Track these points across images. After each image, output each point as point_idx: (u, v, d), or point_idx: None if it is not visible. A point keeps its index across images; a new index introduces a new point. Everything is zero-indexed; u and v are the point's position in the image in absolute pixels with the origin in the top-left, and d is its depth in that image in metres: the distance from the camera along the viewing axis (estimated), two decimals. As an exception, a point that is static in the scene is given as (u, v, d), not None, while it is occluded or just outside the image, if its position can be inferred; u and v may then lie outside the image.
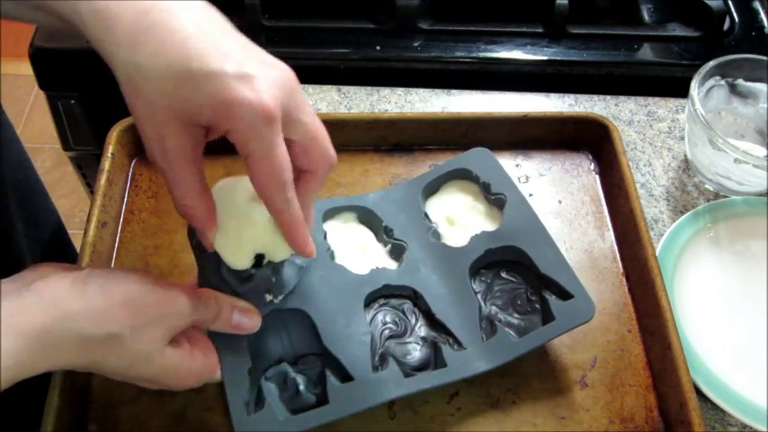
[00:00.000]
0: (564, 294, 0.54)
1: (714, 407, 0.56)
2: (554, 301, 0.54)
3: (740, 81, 0.70)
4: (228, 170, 0.65)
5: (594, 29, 0.85)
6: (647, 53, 0.83)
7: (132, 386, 0.47)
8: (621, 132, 0.70)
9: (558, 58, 0.82)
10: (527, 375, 0.54)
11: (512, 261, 0.57)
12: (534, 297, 0.55)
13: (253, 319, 0.48)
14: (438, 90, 0.76)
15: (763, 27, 0.86)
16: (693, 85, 0.66)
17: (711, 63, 0.67)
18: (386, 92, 0.75)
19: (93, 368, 0.43)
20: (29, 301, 0.40)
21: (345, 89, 0.75)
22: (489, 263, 0.57)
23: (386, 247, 0.58)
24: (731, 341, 0.59)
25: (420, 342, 0.53)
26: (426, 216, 0.59)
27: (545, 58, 0.82)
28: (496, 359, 0.51)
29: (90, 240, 0.57)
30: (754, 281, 0.63)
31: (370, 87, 0.76)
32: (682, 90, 0.67)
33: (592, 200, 0.65)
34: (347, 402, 0.49)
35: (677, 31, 0.85)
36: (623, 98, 0.76)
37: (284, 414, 0.49)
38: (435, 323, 0.53)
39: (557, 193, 0.66)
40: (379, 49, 0.82)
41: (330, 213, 0.59)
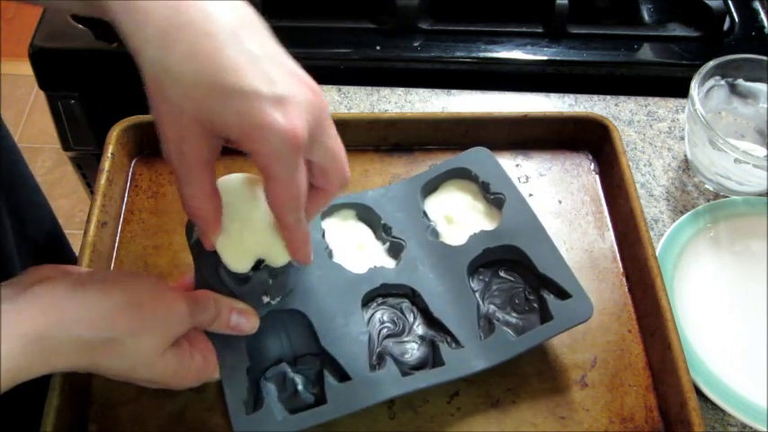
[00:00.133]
0: (562, 294, 0.54)
1: (714, 407, 0.56)
2: (552, 300, 0.54)
3: (740, 81, 0.70)
4: (229, 170, 0.64)
5: (594, 29, 0.85)
6: (647, 53, 0.83)
7: (132, 386, 0.47)
8: (621, 132, 0.70)
9: (558, 58, 0.82)
10: (527, 375, 0.54)
11: (510, 260, 0.57)
12: (532, 296, 0.55)
13: (251, 320, 0.48)
14: (438, 90, 0.76)
15: (763, 27, 0.86)
16: (693, 85, 0.66)
17: (711, 63, 0.67)
18: (386, 92, 0.75)
19: (93, 370, 0.43)
20: (28, 306, 0.39)
21: (345, 89, 0.75)
22: (487, 262, 0.57)
23: (384, 244, 0.58)
24: (731, 341, 0.59)
25: (418, 341, 0.53)
26: (425, 214, 0.59)
27: (545, 58, 0.82)
28: (494, 358, 0.51)
29: (90, 240, 0.57)
30: (754, 281, 0.63)
31: (370, 87, 0.76)
32: (682, 90, 0.67)
33: (592, 200, 0.65)
34: (344, 402, 0.49)
35: (677, 31, 0.85)
36: (623, 98, 0.76)
37: (283, 414, 0.49)
38: (433, 322, 0.54)
39: (557, 193, 0.66)
40: (379, 49, 0.82)
41: (329, 210, 0.59)
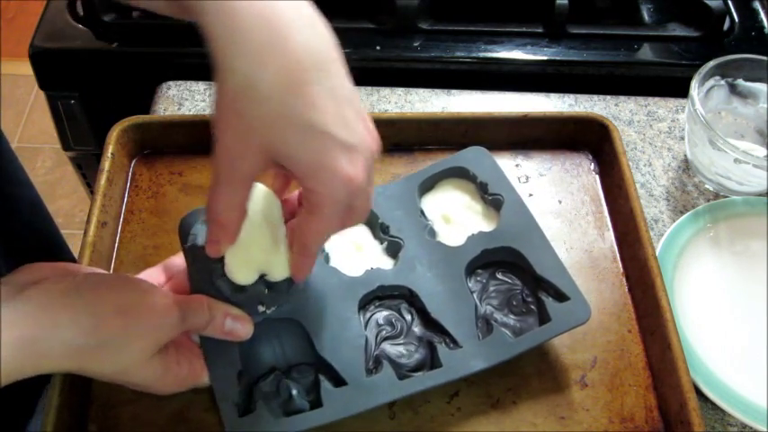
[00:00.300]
0: (560, 296, 0.54)
1: (714, 407, 0.56)
2: (550, 303, 0.54)
3: (740, 81, 0.70)
4: (228, 170, 0.65)
5: (594, 29, 0.85)
6: (647, 53, 0.83)
7: (132, 386, 0.47)
8: (621, 132, 0.70)
9: (558, 58, 0.82)
10: (527, 375, 0.54)
11: (508, 262, 0.57)
12: (530, 298, 0.55)
13: (245, 326, 0.48)
14: (438, 90, 0.76)
15: (763, 27, 0.86)
16: (693, 85, 0.66)
17: (711, 63, 0.67)
18: (386, 92, 0.75)
19: (81, 372, 0.43)
20: (20, 309, 0.40)
21: (345, 89, 0.75)
22: (485, 263, 0.57)
23: (382, 244, 0.58)
24: (731, 341, 0.59)
25: (416, 342, 0.53)
26: (422, 213, 0.59)
27: (545, 58, 0.82)
28: (493, 358, 0.51)
29: (90, 240, 0.57)
30: (754, 281, 0.63)
31: (370, 87, 0.76)
32: (682, 90, 0.67)
33: (592, 200, 0.65)
34: (340, 406, 0.49)
35: (677, 31, 0.85)
36: (623, 98, 0.76)
37: (276, 417, 0.49)
38: (431, 322, 0.53)
39: (557, 193, 0.66)
40: (379, 49, 0.82)
41: None
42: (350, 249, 0.57)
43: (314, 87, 0.37)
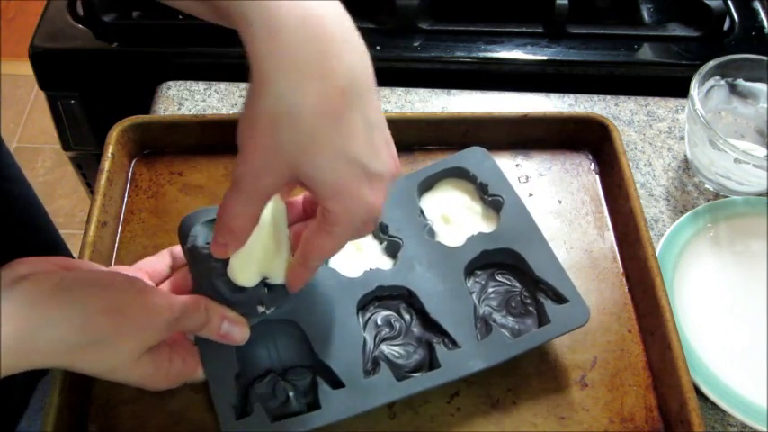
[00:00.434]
0: (559, 299, 0.54)
1: (714, 407, 0.56)
2: (549, 305, 0.54)
3: (740, 81, 0.70)
4: (228, 170, 0.65)
5: (594, 29, 0.85)
6: (647, 53, 0.83)
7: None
8: (621, 132, 0.70)
9: (558, 58, 0.82)
10: (527, 375, 0.54)
11: (507, 264, 0.57)
12: (529, 300, 0.55)
13: (242, 330, 0.48)
14: (438, 90, 0.76)
15: (763, 27, 0.86)
16: (693, 85, 0.66)
17: (711, 63, 0.67)
18: (386, 92, 0.75)
19: (72, 369, 0.43)
20: (10, 305, 0.39)
21: (345, 89, 0.75)
22: (484, 264, 0.57)
23: (381, 243, 0.58)
24: (731, 341, 0.59)
25: (415, 343, 0.53)
26: (421, 212, 0.59)
27: (545, 58, 0.82)
28: (492, 358, 0.51)
29: (90, 240, 0.57)
30: (754, 281, 0.63)
31: (370, 87, 0.75)
32: (682, 90, 0.67)
33: (592, 200, 0.65)
34: (337, 408, 0.49)
35: (677, 31, 0.85)
36: (623, 98, 0.76)
37: (273, 419, 0.49)
38: (429, 322, 0.53)
39: (557, 193, 0.66)
40: (379, 49, 0.82)
41: None
42: (349, 249, 0.57)
43: (351, 114, 0.38)
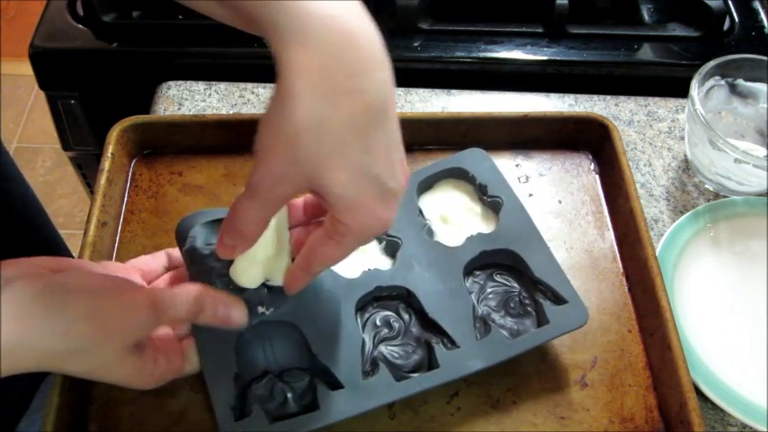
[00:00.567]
0: (558, 300, 0.54)
1: (714, 407, 0.56)
2: (548, 305, 0.54)
3: (740, 81, 0.70)
4: (228, 170, 0.65)
5: (594, 29, 0.84)
6: (647, 53, 0.83)
7: (132, 386, 0.47)
8: (621, 132, 0.70)
9: (558, 58, 0.82)
10: (527, 375, 0.54)
11: (506, 265, 0.57)
12: (527, 301, 0.55)
13: (241, 311, 0.47)
14: (438, 90, 0.76)
15: (763, 27, 0.86)
16: (693, 85, 0.66)
17: (711, 63, 0.67)
18: (386, 92, 0.75)
19: (58, 371, 0.43)
20: None
21: (345, 89, 0.75)
22: (483, 264, 0.57)
23: (380, 243, 0.58)
24: (731, 341, 0.59)
25: (413, 343, 0.53)
26: (420, 212, 0.59)
27: (545, 58, 0.82)
28: (491, 358, 0.51)
29: (90, 240, 0.57)
30: (754, 281, 0.63)
31: (370, 87, 0.75)
32: (682, 90, 0.67)
33: (592, 200, 0.65)
34: (336, 409, 0.48)
35: (677, 31, 0.85)
36: (623, 98, 0.76)
37: (271, 420, 0.49)
38: (428, 322, 0.53)
39: (557, 193, 0.66)
40: (379, 49, 0.82)
41: None
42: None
43: (374, 131, 0.38)
